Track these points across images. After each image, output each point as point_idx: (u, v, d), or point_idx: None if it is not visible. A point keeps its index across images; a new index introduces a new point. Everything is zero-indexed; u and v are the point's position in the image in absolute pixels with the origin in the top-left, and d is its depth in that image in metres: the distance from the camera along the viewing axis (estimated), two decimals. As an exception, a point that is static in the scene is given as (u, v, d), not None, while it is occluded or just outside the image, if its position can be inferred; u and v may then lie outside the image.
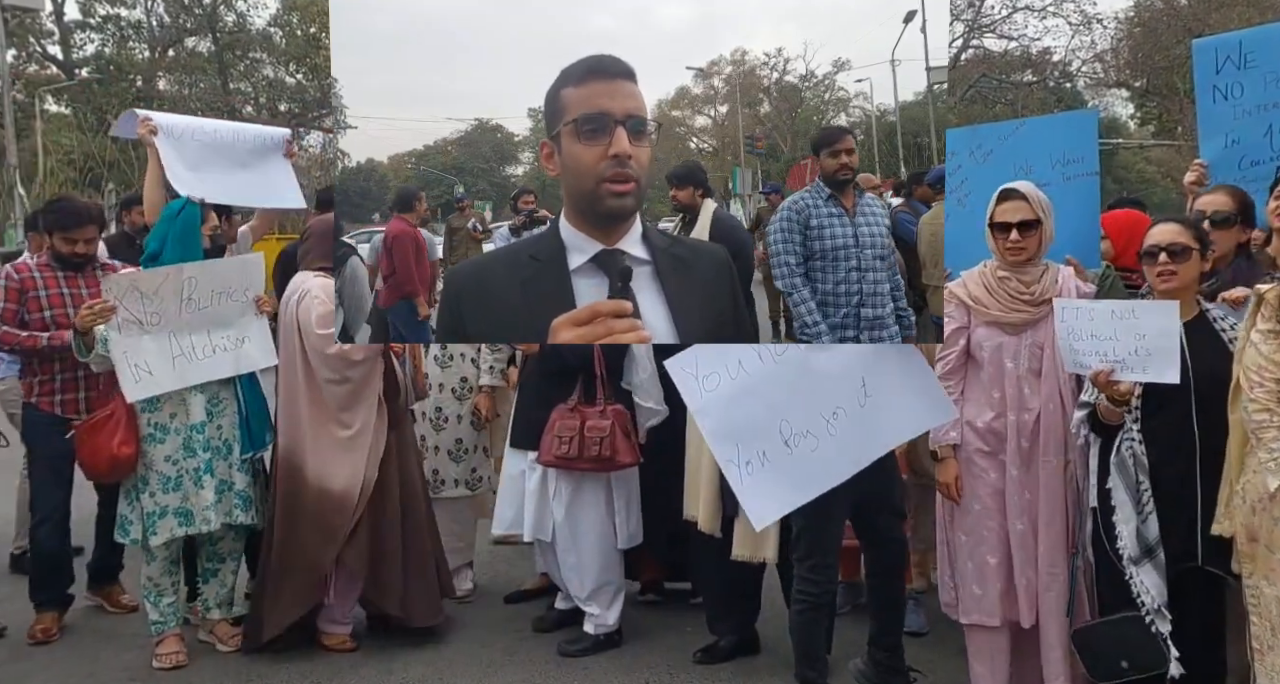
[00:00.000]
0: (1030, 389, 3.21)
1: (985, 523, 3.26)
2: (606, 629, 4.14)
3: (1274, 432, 2.53)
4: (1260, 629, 2.63)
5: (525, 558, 4.99)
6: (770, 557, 3.75)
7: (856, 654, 3.64)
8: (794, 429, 3.02)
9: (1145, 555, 2.87)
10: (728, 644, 4.02)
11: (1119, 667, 2.91)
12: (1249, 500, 2.64)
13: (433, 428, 4.74)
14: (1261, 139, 3.82)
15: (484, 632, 4.40)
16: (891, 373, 3.10)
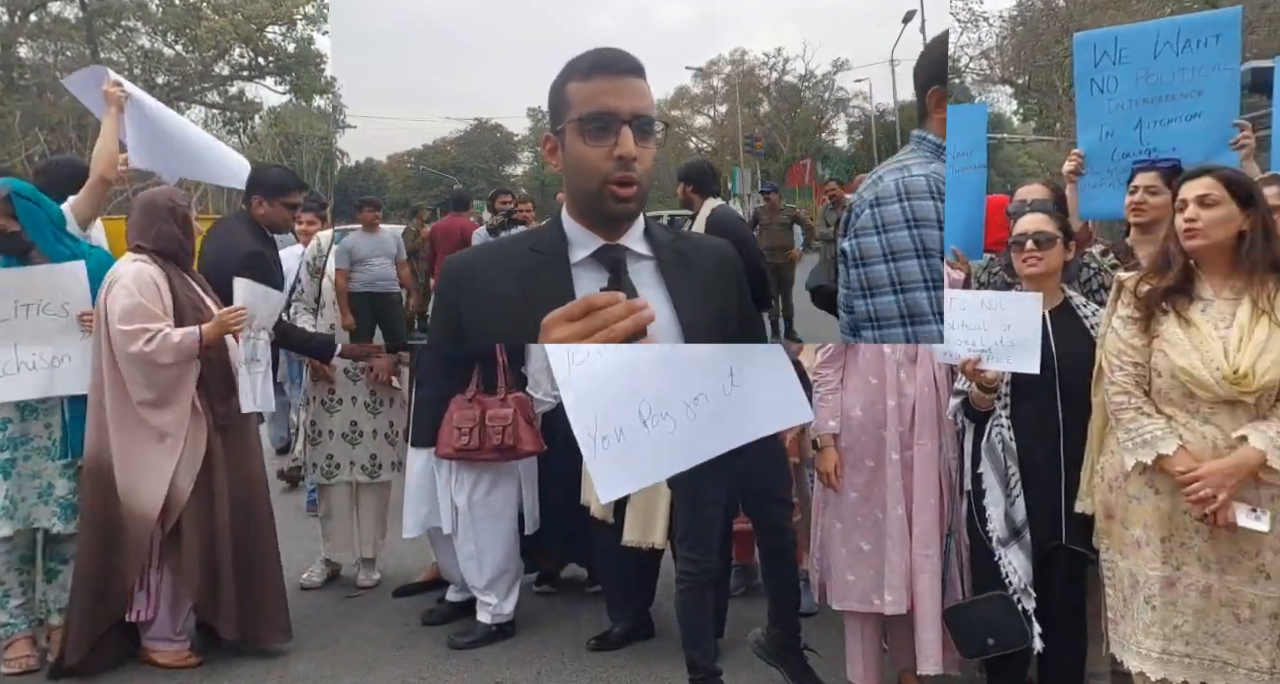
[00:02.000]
0: (906, 375, 3.30)
1: (861, 510, 3.33)
2: (503, 619, 4.09)
3: (1131, 413, 2.65)
4: (1114, 600, 2.78)
5: (419, 551, 4.88)
6: (659, 542, 3.79)
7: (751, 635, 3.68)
8: (653, 410, 3.03)
9: (1013, 537, 2.99)
10: (622, 630, 4.03)
11: (987, 644, 3.02)
12: (1107, 479, 2.77)
13: (325, 411, 4.60)
14: (1132, 132, 3.98)
15: (371, 626, 4.29)
16: (760, 367, 3.11)
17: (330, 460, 4.59)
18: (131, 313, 3.53)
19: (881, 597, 3.27)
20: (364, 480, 4.63)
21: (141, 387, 3.60)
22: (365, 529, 4.75)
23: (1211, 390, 2.53)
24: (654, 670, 3.80)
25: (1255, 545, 2.53)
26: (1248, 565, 2.55)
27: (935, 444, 3.28)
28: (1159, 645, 2.60)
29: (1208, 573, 2.57)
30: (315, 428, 4.62)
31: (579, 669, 3.85)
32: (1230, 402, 2.54)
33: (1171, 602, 2.60)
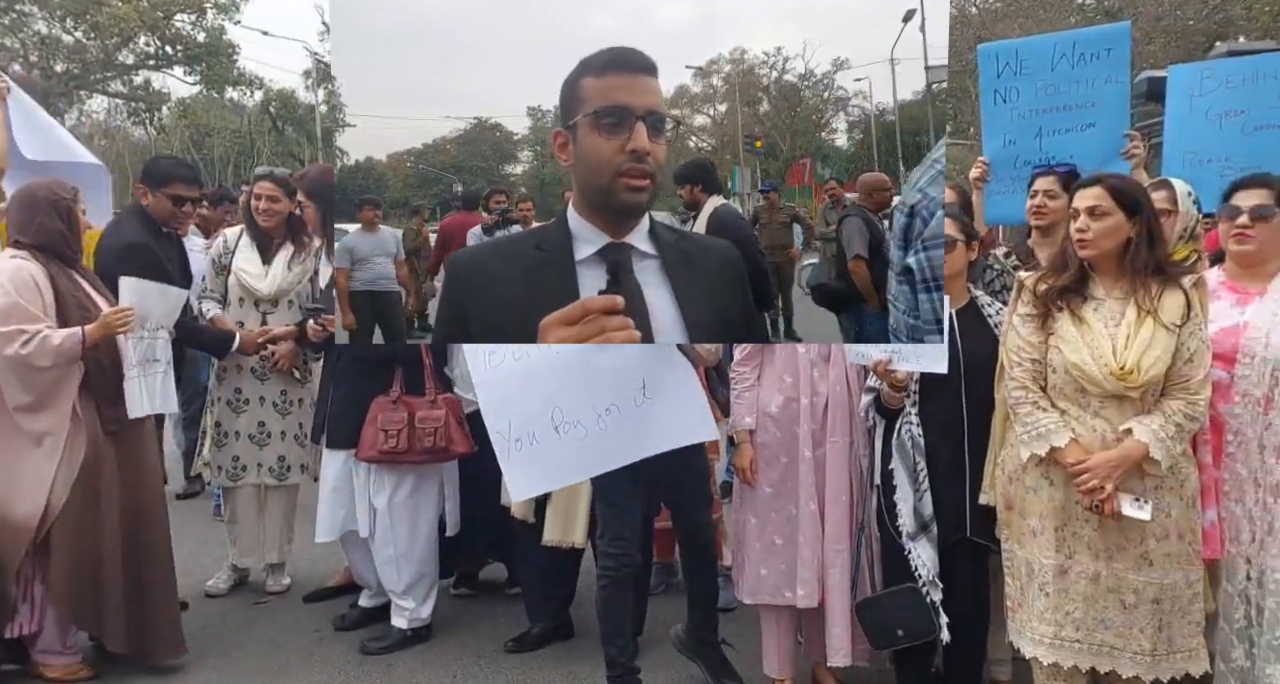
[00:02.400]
0: (820, 374, 3.37)
1: (774, 505, 3.39)
2: (419, 623, 4.02)
3: (1028, 407, 2.77)
4: (1013, 588, 2.90)
5: (332, 555, 4.73)
6: (579, 541, 3.79)
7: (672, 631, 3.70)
8: (565, 417, 3.08)
9: (921, 531, 3.08)
10: (541, 631, 4.00)
11: (896, 636, 3.10)
12: (1007, 471, 2.89)
13: (230, 411, 4.44)
14: (1033, 141, 4.17)
15: (279, 633, 4.15)
16: (671, 381, 3.17)
17: (236, 462, 4.44)
18: (6, 313, 3.35)
19: (794, 590, 3.32)
20: (272, 483, 4.49)
21: (18, 390, 3.41)
22: (272, 533, 4.59)
23: (1100, 386, 2.65)
24: (572, 670, 3.78)
25: (1139, 533, 2.67)
26: (1132, 553, 2.68)
27: (847, 441, 3.35)
28: (1051, 631, 2.72)
29: (1096, 561, 2.70)
30: (221, 429, 4.45)
31: (495, 671, 3.80)
32: (1118, 396, 2.66)
33: (1064, 589, 2.71)
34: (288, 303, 4.48)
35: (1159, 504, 2.65)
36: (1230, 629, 2.80)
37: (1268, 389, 2.71)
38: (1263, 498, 2.72)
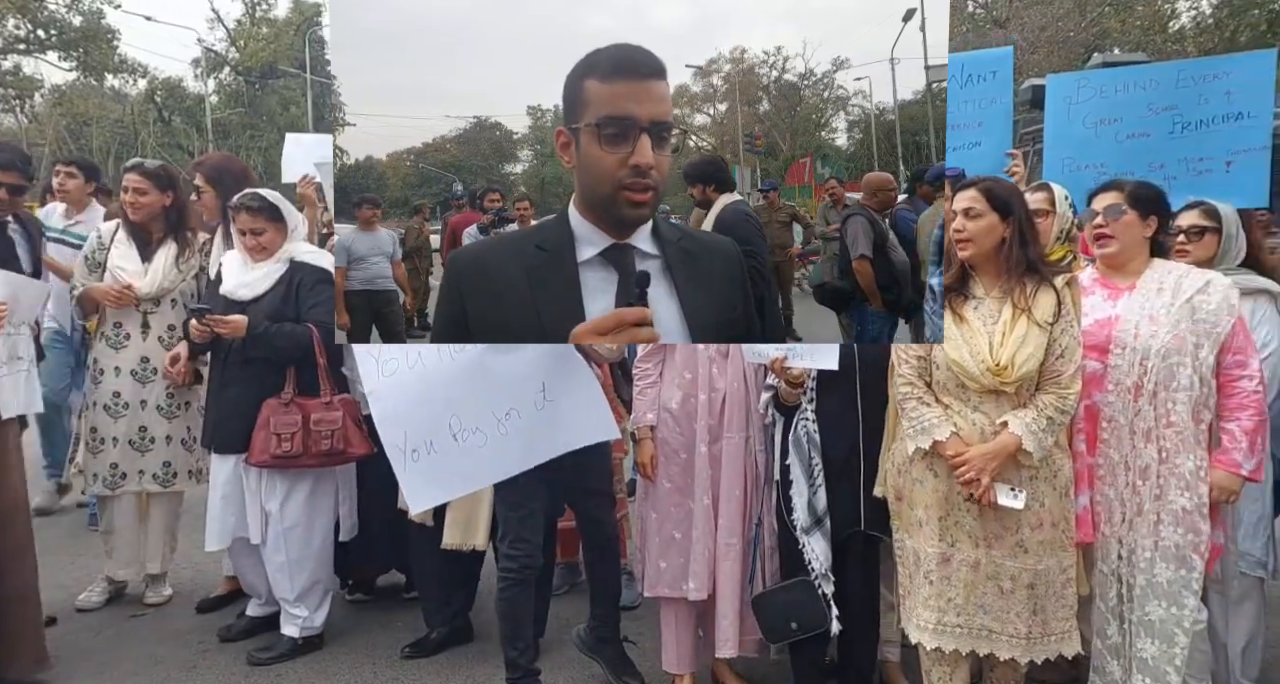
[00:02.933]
0: (718, 370, 3.41)
1: (673, 499, 3.43)
2: (312, 631, 3.90)
3: (913, 402, 2.88)
4: (903, 577, 3.00)
5: (215, 562, 4.56)
6: (480, 544, 3.73)
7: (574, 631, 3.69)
8: (464, 425, 3.05)
9: (815, 525, 3.16)
10: (440, 635, 3.93)
11: (790, 628, 3.17)
12: (896, 464, 3.00)
13: (108, 416, 4.18)
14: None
15: (159, 646, 3.96)
16: (571, 383, 3.16)
17: (115, 470, 4.18)
18: None
19: (690, 583, 3.37)
20: (156, 490, 4.25)
21: None
22: (154, 542, 4.36)
23: (978, 381, 2.77)
24: (471, 674, 3.73)
25: (1015, 522, 2.79)
26: (1009, 541, 2.80)
27: (744, 437, 3.39)
28: (934, 617, 2.83)
29: (977, 549, 2.82)
30: (96, 435, 4.19)
31: (392, 678, 3.72)
32: (995, 391, 2.79)
33: (946, 576, 2.83)
34: (170, 302, 4.26)
35: (1034, 494, 2.78)
36: (1105, 607, 2.95)
37: (1137, 378, 2.86)
38: (1132, 481, 2.87)
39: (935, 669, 2.92)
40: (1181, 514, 2.79)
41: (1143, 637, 2.84)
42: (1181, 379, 2.80)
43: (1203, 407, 2.82)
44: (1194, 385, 2.80)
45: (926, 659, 2.93)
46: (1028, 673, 2.96)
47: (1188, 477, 2.79)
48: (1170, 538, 2.79)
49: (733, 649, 3.34)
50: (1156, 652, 2.81)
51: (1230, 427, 2.85)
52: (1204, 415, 2.83)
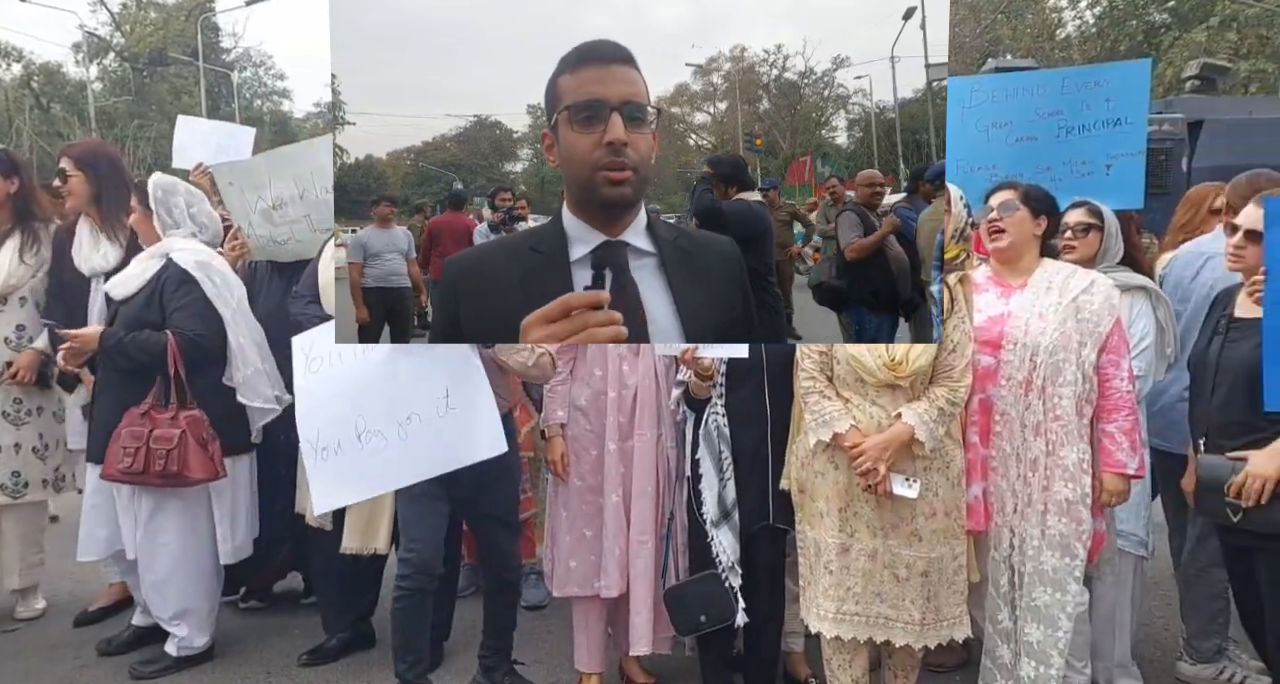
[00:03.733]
0: (629, 367, 3.42)
1: (584, 497, 3.43)
2: (191, 651, 3.73)
3: (815, 396, 2.96)
4: (804, 568, 3.08)
5: (95, 573, 4.36)
6: (382, 548, 3.65)
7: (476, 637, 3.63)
8: (367, 426, 3.01)
9: (724, 518, 3.20)
10: (339, 642, 3.84)
11: (699, 621, 3.20)
12: (800, 457, 3.07)
13: (10, 424, 3.99)
14: None
15: (34, 661, 3.78)
16: (472, 391, 3.09)
17: (17, 479, 3.98)
18: None
19: (601, 581, 3.37)
20: (4, 501, 4.00)
21: None
22: (10, 556, 4.11)
23: (875, 376, 2.88)
24: (372, 680, 3.67)
25: (910, 512, 2.90)
26: (904, 530, 2.91)
27: (655, 433, 3.41)
28: (834, 606, 2.91)
29: (874, 538, 2.91)
30: None
31: None
32: (891, 385, 2.89)
33: (846, 566, 2.91)
34: (19, 300, 4.02)
35: (927, 484, 2.88)
36: (997, 594, 3.06)
37: (1027, 373, 2.98)
38: (1023, 472, 2.99)
39: (835, 657, 3.01)
40: (1066, 505, 2.92)
41: (1030, 622, 2.96)
42: (1067, 375, 2.93)
43: (1085, 401, 2.96)
44: (1078, 381, 2.94)
45: (827, 648, 3.02)
46: (922, 657, 3.08)
47: (1071, 468, 2.93)
48: (1055, 527, 2.93)
49: (646, 646, 3.36)
50: (1042, 636, 2.94)
51: (1109, 428, 2.98)
52: (1086, 410, 2.97)
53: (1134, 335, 3.25)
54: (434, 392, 3.04)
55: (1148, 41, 24.30)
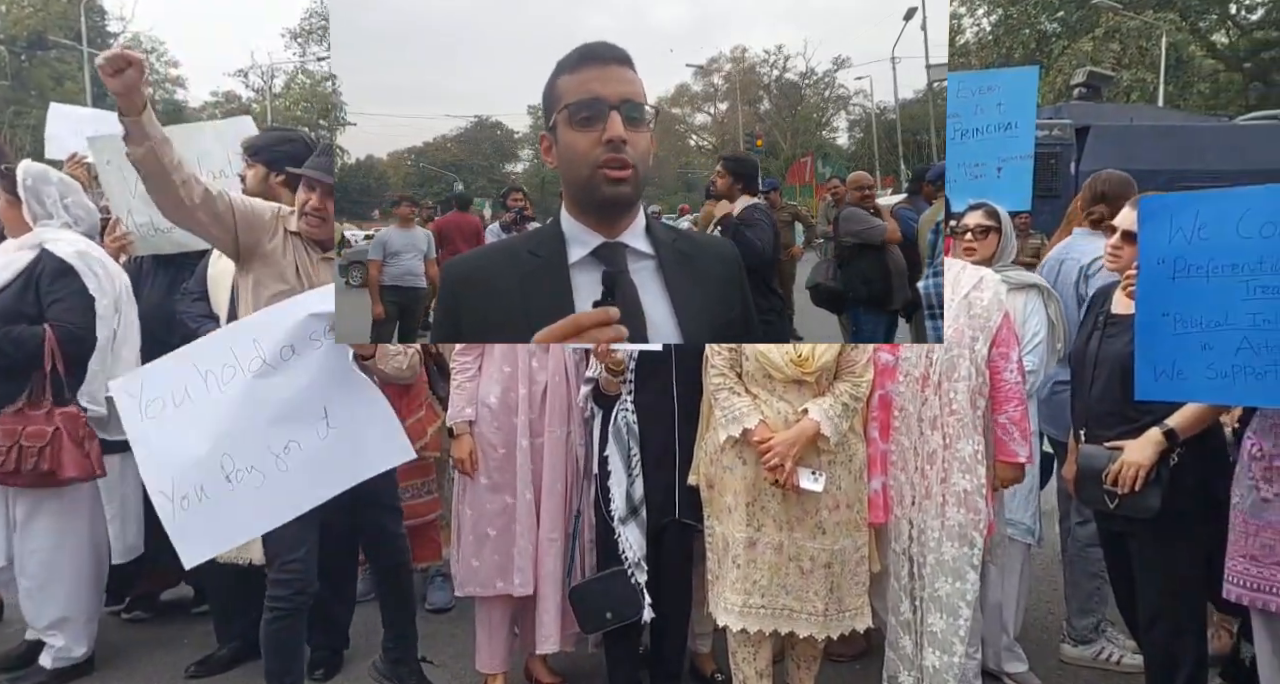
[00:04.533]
0: (539, 364, 3.37)
1: (490, 496, 3.36)
2: (67, 662, 3.50)
3: (725, 392, 2.99)
4: (712, 563, 3.11)
5: None
6: (257, 559, 3.41)
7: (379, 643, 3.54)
8: (237, 464, 2.76)
9: (631, 514, 3.20)
10: (230, 651, 3.66)
11: (605, 618, 3.19)
12: (709, 453, 3.10)
13: None
14: None
15: None
16: (356, 405, 2.90)
17: None
18: None
19: (507, 580, 3.32)
20: None
21: None
22: None
23: (783, 372, 2.93)
24: None
25: (815, 504, 2.96)
26: (809, 523, 2.96)
27: (565, 431, 3.38)
28: (741, 600, 2.95)
29: (780, 532, 2.96)
30: None
31: None
32: (798, 381, 2.95)
33: (752, 559, 2.95)
34: None
35: (831, 477, 2.94)
36: (898, 585, 3.14)
37: (924, 369, 3.08)
38: (921, 466, 3.09)
39: (741, 650, 3.03)
40: (963, 496, 3.01)
41: (933, 612, 3.04)
42: (961, 370, 3.04)
43: (979, 394, 3.07)
44: (971, 376, 3.04)
45: (733, 641, 3.05)
46: (824, 648, 3.15)
47: (967, 460, 3.02)
48: (954, 518, 3.02)
49: (553, 644, 3.33)
50: (944, 625, 3.03)
51: (1000, 419, 3.10)
52: (980, 402, 3.08)
53: (1027, 331, 3.37)
54: (312, 413, 2.82)
55: (1040, 50, 25.48)
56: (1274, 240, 2.48)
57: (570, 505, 3.39)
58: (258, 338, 2.84)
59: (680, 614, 3.35)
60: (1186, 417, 2.81)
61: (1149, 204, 2.80)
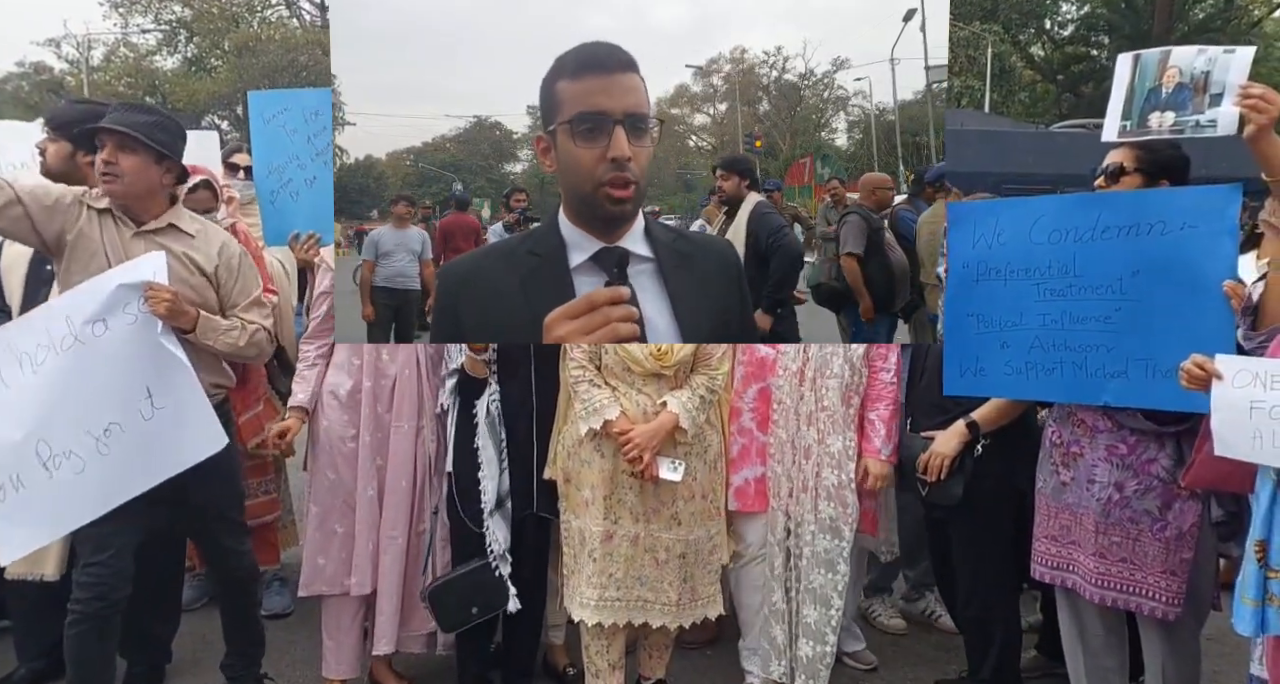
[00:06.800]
0: (389, 356, 3.27)
1: (336, 492, 3.24)
2: None
3: (585, 385, 2.97)
4: (568, 557, 3.10)
5: None
6: (50, 573, 3.16)
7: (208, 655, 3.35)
8: (54, 450, 2.59)
9: (498, 507, 3.14)
10: (29, 672, 3.36)
11: (469, 614, 3.12)
12: (567, 446, 3.08)
13: None
14: None
15: None
16: (178, 389, 2.72)
17: None
18: None
19: (352, 578, 3.21)
20: None
21: None
22: None
23: (642, 365, 2.94)
24: None
25: (672, 495, 2.99)
26: (666, 514, 2.99)
27: (414, 426, 3.25)
28: (596, 593, 2.95)
29: (636, 524, 2.97)
30: None
31: None
32: (656, 374, 2.96)
33: (609, 553, 2.96)
34: None
35: (687, 468, 2.97)
36: (772, 575, 3.20)
37: (801, 365, 3.17)
38: (798, 459, 3.16)
39: (594, 643, 3.03)
40: (834, 490, 3.12)
41: (808, 603, 3.14)
42: (834, 367, 3.15)
43: (854, 392, 3.18)
44: (844, 373, 3.15)
45: (586, 634, 3.04)
46: (676, 636, 3.18)
47: (837, 455, 3.13)
48: (826, 511, 3.12)
49: (389, 645, 3.23)
50: (818, 616, 3.13)
51: (871, 416, 3.21)
52: (855, 400, 3.19)
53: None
54: (134, 392, 2.65)
55: (877, 56, 27.15)
56: (1060, 247, 2.66)
57: (417, 503, 3.27)
58: (70, 315, 2.66)
59: (535, 608, 3.30)
60: (989, 410, 3.03)
61: (956, 210, 2.96)
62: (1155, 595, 2.62)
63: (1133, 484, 2.64)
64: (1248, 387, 2.10)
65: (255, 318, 2.94)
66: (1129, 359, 2.56)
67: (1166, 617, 2.62)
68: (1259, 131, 2.32)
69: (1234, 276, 2.42)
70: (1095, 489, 2.69)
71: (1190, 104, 2.47)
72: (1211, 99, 2.43)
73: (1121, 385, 2.57)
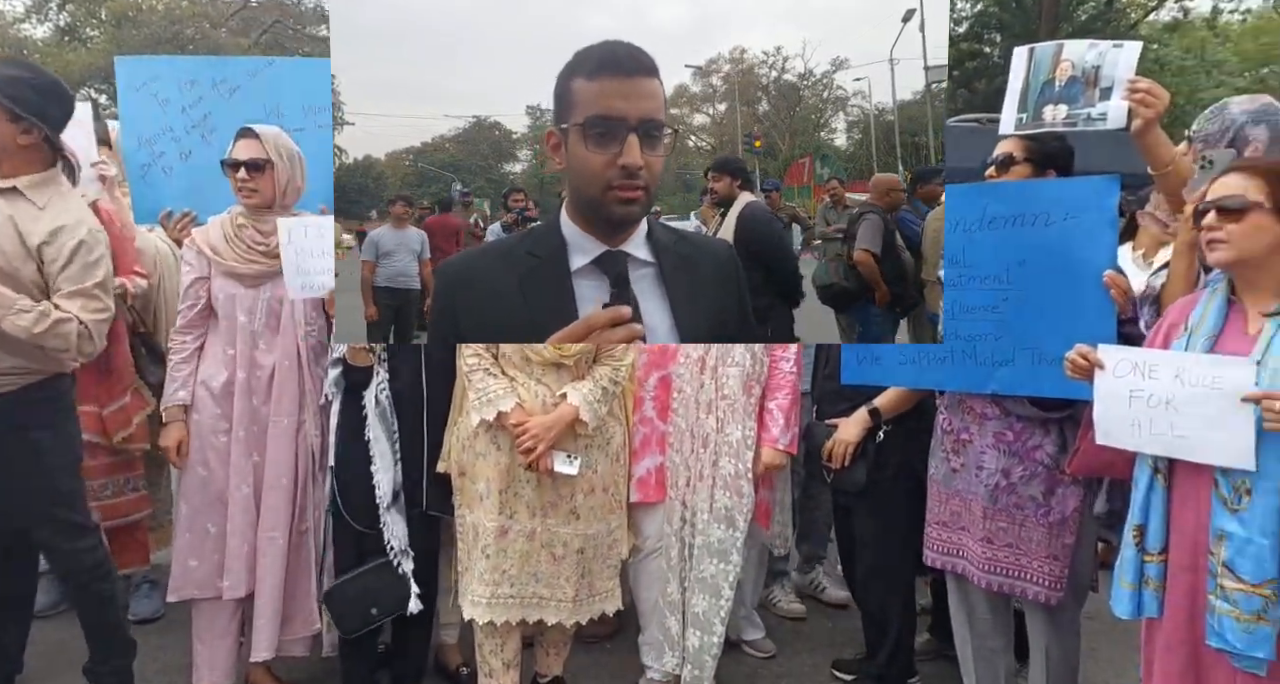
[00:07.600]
0: (265, 346, 3.05)
1: (208, 489, 3.06)
2: None
3: (480, 374, 2.88)
4: (461, 554, 3.00)
5: None
6: None
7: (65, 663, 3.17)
8: None
9: (394, 502, 3.02)
10: None
11: (370, 614, 2.99)
12: (461, 439, 2.98)
13: None
14: None
15: None
16: None
17: None
18: None
19: (225, 581, 3.04)
20: None
21: None
22: None
23: (541, 355, 2.86)
24: None
25: (570, 489, 2.91)
26: (564, 508, 2.92)
27: (295, 420, 3.08)
28: (488, 592, 2.86)
29: (533, 519, 2.89)
30: None
31: None
32: (556, 364, 2.89)
33: (503, 549, 2.87)
34: None
35: (587, 461, 2.91)
36: (668, 566, 3.17)
37: (703, 352, 3.15)
38: (696, 448, 3.14)
39: (487, 642, 2.95)
40: (730, 479, 3.10)
41: (697, 593, 3.11)
42: (735, 355, 3.13)
43: (755, 382, 3.17)
44: (745, 362, 3.14)
45: (479, 633, 2.95)
46: (574, 632, 3.12)
47: (735, 444, 3.11)
48: (721, 501, 3.10)
49: (268, 650, 3.06)
50: (707, 606, 3.10)
51: (770, 405, 3.21)
52: (755, 389, 3.17)
53: None
54: None
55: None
56: (950, 237, 2.71)
57: (298, 501, 3.10)
58: None
59: (426, 606, 3.15)
60: (889, 397, 3.10)
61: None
62: (1039, 580, 2.69)
63: (1019, 470, 2.70)
64: (1128, 376, 2.14)
65: (73, 308, 2.64)
66: (1016, 347, 2.61)
67: (1049, 601, 2.69)
68: (1145, 125, 2.36)
69: (1115, 267, 2.48)
70: (983, 475, 2.74)
71: (1082, 97, 2.49)
72: (1102, 93, 2.46)
73: (1009, 374, 2.63)
